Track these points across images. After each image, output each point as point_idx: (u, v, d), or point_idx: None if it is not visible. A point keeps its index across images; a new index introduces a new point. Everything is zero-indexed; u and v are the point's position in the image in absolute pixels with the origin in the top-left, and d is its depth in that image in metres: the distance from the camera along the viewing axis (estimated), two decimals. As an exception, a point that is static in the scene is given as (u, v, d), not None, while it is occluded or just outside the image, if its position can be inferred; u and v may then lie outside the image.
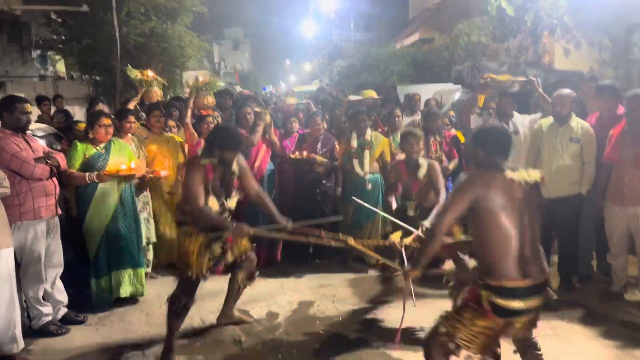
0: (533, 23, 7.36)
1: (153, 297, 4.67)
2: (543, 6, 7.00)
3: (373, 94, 6.61)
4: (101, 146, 4.36)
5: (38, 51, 15.99)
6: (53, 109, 8.73)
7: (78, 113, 10.65)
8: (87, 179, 4.13)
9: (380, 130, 6.00)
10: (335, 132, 6.17)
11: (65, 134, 5.57)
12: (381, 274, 5.00)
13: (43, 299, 3.99)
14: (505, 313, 2.53)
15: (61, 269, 4.11)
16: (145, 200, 4.99)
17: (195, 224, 3.54)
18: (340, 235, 3.54)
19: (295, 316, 4.28)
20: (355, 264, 5.27)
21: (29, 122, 3.90)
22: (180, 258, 3.63)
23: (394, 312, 4.05)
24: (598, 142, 4.45)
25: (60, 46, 12.93)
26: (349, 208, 5.30)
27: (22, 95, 4.99)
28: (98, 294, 4.38)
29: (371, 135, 5.48)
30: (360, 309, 4.35)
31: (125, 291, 4.42)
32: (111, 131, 4.43)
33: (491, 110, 5.67)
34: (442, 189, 4.24)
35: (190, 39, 12.93)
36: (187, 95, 6.01)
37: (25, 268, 3.83)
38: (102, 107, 5.93)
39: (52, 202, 3.91)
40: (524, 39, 8.87)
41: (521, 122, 5.06)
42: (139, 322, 4.21)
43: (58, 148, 4.96)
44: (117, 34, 10.20)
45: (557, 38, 8.00)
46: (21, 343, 3.56)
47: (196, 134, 5.41)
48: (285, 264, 5.41)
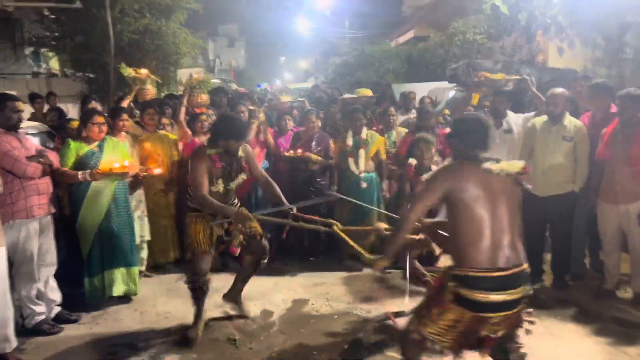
0: (527, 22, 7.39)
1: (147, 296, 4.66)
2: (537, 5, 7.03)
3: (368, 93, 6.61)
4: (94, 144, 4.34)
5: (31, 48, 15.85)
6: (46, 107, 8.66)
7: (71, 110, 10.57)
8: (80, 178, 4.11)
9: (375, 128, 6.00)
10: (330, 130, 6.17)
11: (58, 132, 5.53)
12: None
13: (36, 298, 3.97)
14: (470, 305, 2.42)
15: (54, 268, 4.09)
16: (139, 198, 4.97)
17: (202, 209, 3.77)
18: (335, 227, 3.57)
19: (289, 314, 4.29)
20: (350, 262, 5.28)
21: (21, 121, 3.87)
22: (189, 241, 3.86)
23: (388, 310, 4.06)
24: (591, 141, 4.47)
25: (53, 43, 12.81)
26: (344, 207, 5.29)
27: (14, 93, 4.97)
28: (91, 293, 4.36)
29: (367, 133, 5.48)
30: (354, 307, 4.36)
31: (118, 290, 4.41)
32: (104, 129, 4.40)
33: (486, 109, 5.68)
34: None
35: (184, 36, 12.85)
36: (181, 92, 5.99)
37: (17, 267, 3.81)
38: (95, 105, 5.90)
39: (45, 201, 3.89)
40: (519, 38, 8.92)
41: (515, 121, 5.08)
42: (133, 321, 4.19)
43: (51, 146, 4.93)
44: (111, 31, 10.14)
45: (551, 37, 8.03)
46: (14, 342, 3.54)
47: (190, 132, 5.40)
48: (279, 263, 5.41)
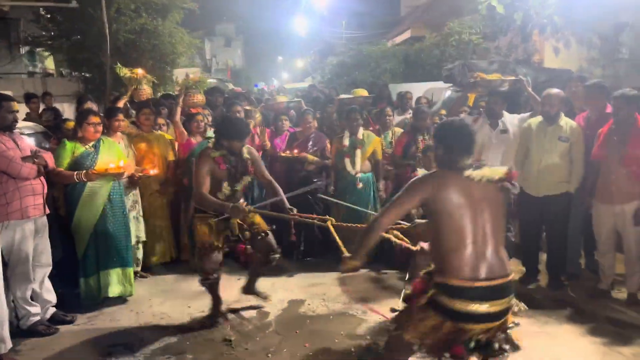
0: (523, 22, 7.40)
1: (143, 297, 4.66)
2: (533, 5, 7.04)
3: (364, 93, 6.62)
4: (90, 145, 4.34)
5: (26, 48, 15.83)
6: (42, 107, 8.63)
7: (67, 110, 10.55)
8: (76, 178, 4.11)
9: (371, 128, 6.01)
10: (326, 131, 6.17)
11: (54, 132, 5.52)
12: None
13: (31, 299, 3.96)
14: (450, 314, 2.36)
15: (49, 269, 4.08)
16: (134, 198, 4.97)
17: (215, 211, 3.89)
18: (329, 223, 3.61)
19: (285, 315, 4.29)
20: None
21: (16, 121, 3.86)
22: (197, 239, 3.99)
23: (384, 311, 4.05)
24: (587, 141, 4.48)
25: (49, 42, 12.80)
26: (341, 207, 5.29)
27: (10, 92, 4.95)
28: (87, 294, 4.36)
29: (363, 134, 5.48)
30: (350, 308, 4.36)
31: (113, 291, 4.40)
32: (100, 129, 4.40)
33: (482, 109, 5.69)
34: None
35: (181, 36, 12.86)
36: (177, 92, 5.99)
37: (13, 268, 3.79)
38: (91, 106, 5.88)
39: (40, 202, 3.88)
40: (514, 38, 8.92)
41: (511, 121, 5.09)
42: (129, 322, 4.18)
43: (47, 146, 4.92)
44: (107, 31, 10.12)
45: (547, 36, 8.05)
46: (9, 343, 3.54)
47: (186, 132, 5.39)
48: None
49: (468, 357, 2.45)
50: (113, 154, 4.40)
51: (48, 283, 4.09)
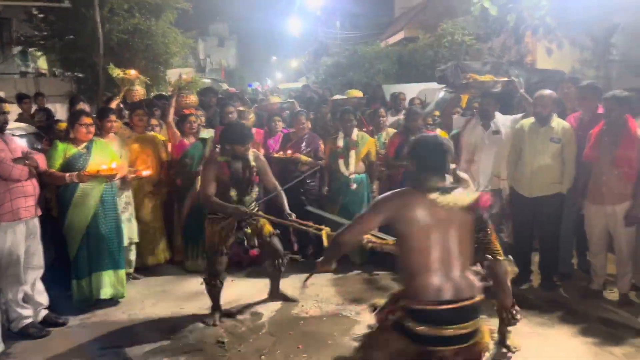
0: (515, 23, 7.41)
1: (135, 298, 4.64)
2: (525, 7, 7.06)
3: (358, 94, 6.62)
4: (82, 146, 4.31)
5: (19, 47, 15.73)
6: (34, 107, 8.57)
7: (60, 110, 10.49)
8: (67, 179, 4.09)
9: (365, 129, 6.01)
10: (320, 131, 6.17)
11: (46, 133, 5.49)
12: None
13: (23, 301, 3.93)
14: (415, 338, 2.29)
15: (41, 271, 4.06)
16: (127, 200, 4.94)
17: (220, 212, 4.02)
18: (324, 233, 3.60)
19: (278, 316, 4.28)
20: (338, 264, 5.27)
21: (7, 122, 3.84)
22: (207, 241, 4.13)
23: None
24: (579, 142, 4.50)
25: (41, 42, 12.71)
26: (335, 208, 5.30)
27: (2, 93, 4.92)
28: (79, 296, 4.34)
29: (357, 135, 5.49)
30: (343, 309, 4.37)
31: (105, 293, 4.38)
32: (92, 130, 4.37)
33: (475, 110, 5.71)
34: None
35: (174, 36, 12.82)
36: (170, 93, 5.97)
37: (4, 270, 3.77)
38: (83, 106, 5.86)
39: (32, 203, 3.85)
40: (507, 39, 8.94)
41: (503, 122, 5.10)
42: (121, 324, 4.17)
43: (39, 147, 4.89)
44: (100, 31, 10.08)
45: (540, 38, 8.07)
46: (0, 346, 3.52)
47: (179, 133, 5.38)
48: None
49: None
50: (105, 155, 4.38)
51: (40, 285, 4.07)
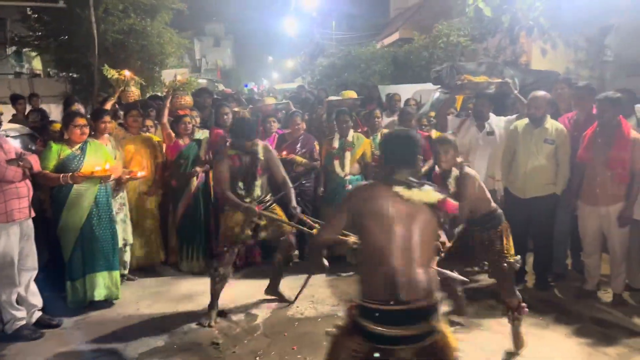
0: (510, 24, 7.45)
1: (130, 300, 4.63)
2: (520, 8, 7.09)
3: (353, 95, 6.61)
4: (76, 147, 4.30)
5: (13, 48, 15.64)
6: (28, 108, 8.54)
7: (54, 111, 10.44)
8: (62, 181, 4.08)
9: (360, 130, 6.01)
10: (315, 132, 6.17)
11: (40, 134, 5.47)
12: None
13: (17, 303, 3.92)
14: (366, 335, 2.26)
15: (35, 272, 4.04)
16: (122, 201, 4.94)
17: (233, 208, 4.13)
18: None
19: (273, 318, 4.28)
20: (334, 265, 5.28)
21: (0, 123, 3.82)
22: (221, 231, 4.25)
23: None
24: (573, 143, 4.51)
25: (36, 43, 12.64)
26: (330, 209, 5.30)
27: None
28: (73, 297, 4.33)
29: (353, 136, 5.49)
30: (339, 310, 4.36)
31: (99, 294, 4.37)
32: (86, 131, 4.36)
33: (469, 111, 5.72)
34: (463, 201, 3.56)
35: (169, 36, 12.78)
36: (165, 94, 5.96)
37: (-3, 272, 3.76)
38: (78, 107, 5.84)
39: (25, 205, 3.84)
40: (502, 39, 8.98)
41: (497, 123, 5.13)
42: (115, 326, 4.15)
43: (33, 148, 4.88)
44: (95, 31, 10.04)
45: (535, 38, 8.11)
46: (-6, 348, 3.51)
47: (174, 134, 5.37)
48: (264, 266, 5.40)
49: None
50: (100, 156, 4.37)
51: (34, 287, 4.05)
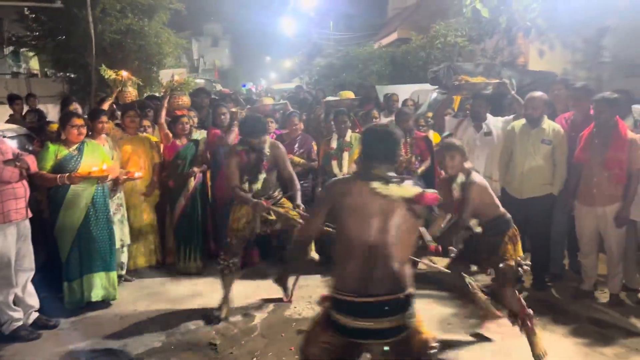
0: (507, 25, 7.46)
1: (127, 300, 4.62)
2: (517, 9, 7.10)
3: (350, 95, 6.62)
4: (73, 147, 4.29)
5: (10, 48, 15.59)
6: (25, 108, 8.53)
7: (52, 111, 10.43)
8: (59, 181, 4.07)
9: (358, 130, 6.01)
10: (313, 132, 6.17)
11: (37, 135, 5.46)
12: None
13: (14, 304, 3.91)
14: (337, 328, 2.28)
15: (32, 273, 4.03)
16: (119, 201, 4.93)
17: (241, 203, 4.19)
18: None
19: (271, 318, 4.28)
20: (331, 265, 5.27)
21: (-3, 124, 3.82)
22: (228, 226, 4.29)
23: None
24: (571, 143, 4.52)
25: (33, 43, 12.63)
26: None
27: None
28: (70, 298, 4.31)
29: (351, 136, 5.49)
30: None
31: (97, 295, 4.36)
32: (84, 132, 4.35)
33: (467, 111, 5.73)
34: (466, 208, 3.55)
35: (167, 36, 12.78)
36: (162, 94, 5.95)
37: (-6, 272, 3.75)
38: (76, 107, 5.84)
39: (22, 206, 3.83)
40: (500, 40, 9.00)
41: (494, 124, 5.14)
42: (112, 326, 4.15)
43: (30, 149, 4.87)
44: (92, 31, 10.03)
45: (532, 39, 8.13)
46: (-10, 349, 3.50)
47: (171, 134, 5.37)
48: (261, 266, 5.40)
49: None
50: (97, 157, 4.36)
51: (31, 287, 4.04)
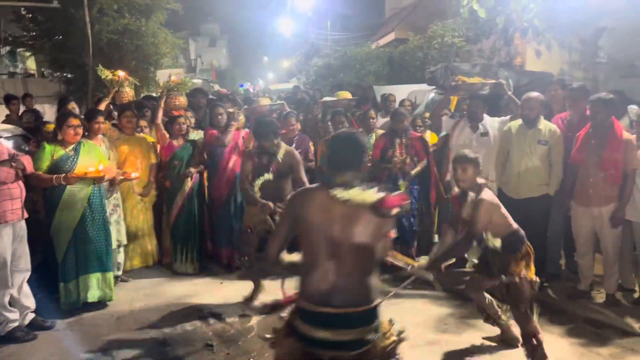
0: (505, 25, 7.46)
1: (124, 301, 4.62)
2: (514, 9, 7.10)
3: (347, 95, 6.62)
4: (70, 148, 4.28)
5: (7, 48, 15.57)
6: (22, 108, 8.50)
7: (48, 111, 10.42)
8: (55, 181, 4.06)
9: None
10: (310, 133, 6.17)
11: (34, 135, 5.45)
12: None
13: (9, 305, 3.89)
14: (301, 337, 2.27)
15: (28, 274, 4.02)
16: (115, 202, 4.92)
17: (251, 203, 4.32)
18: None
19: (268, 319, 4.26)
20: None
21: (-7, 124, 3.81)
22: (244, 220, 4.51)
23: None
24: (567, 143, 4.53)
25: (30, 43, 12.63)
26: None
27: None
28: (66, 299, 4.31)
29: (350, 136, 5.47)
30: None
31: (93, 295, 4.35)
32: (80, 132, 4.34)
33: (464, 112, 5.73)
34: (475, 225, 3.36)
35: (164, 36, 12.79)
36: (159, 94, 5.94)
37: (-10, 273, 3.73)
38: (74, 106, 5.83)
39: (18, 206, 3.82)
40: (497, 41, 8.99)
41: (491, 124, 5.14)
42: (109, 327, 4.14)
43: (26, 149, 4.85)
44: (89, 31, 10.02)
45: (529, 40, 8.13)
46: (-14, 350, 3.49)
47: (168, 135, 5.36)
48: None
49: None
50: (93, 157, 4.35)
51: (27, 288, 4.03)
